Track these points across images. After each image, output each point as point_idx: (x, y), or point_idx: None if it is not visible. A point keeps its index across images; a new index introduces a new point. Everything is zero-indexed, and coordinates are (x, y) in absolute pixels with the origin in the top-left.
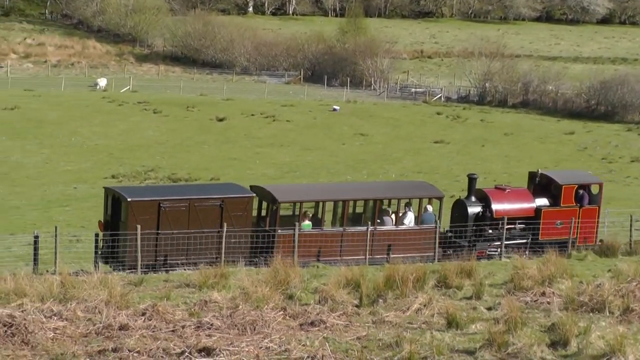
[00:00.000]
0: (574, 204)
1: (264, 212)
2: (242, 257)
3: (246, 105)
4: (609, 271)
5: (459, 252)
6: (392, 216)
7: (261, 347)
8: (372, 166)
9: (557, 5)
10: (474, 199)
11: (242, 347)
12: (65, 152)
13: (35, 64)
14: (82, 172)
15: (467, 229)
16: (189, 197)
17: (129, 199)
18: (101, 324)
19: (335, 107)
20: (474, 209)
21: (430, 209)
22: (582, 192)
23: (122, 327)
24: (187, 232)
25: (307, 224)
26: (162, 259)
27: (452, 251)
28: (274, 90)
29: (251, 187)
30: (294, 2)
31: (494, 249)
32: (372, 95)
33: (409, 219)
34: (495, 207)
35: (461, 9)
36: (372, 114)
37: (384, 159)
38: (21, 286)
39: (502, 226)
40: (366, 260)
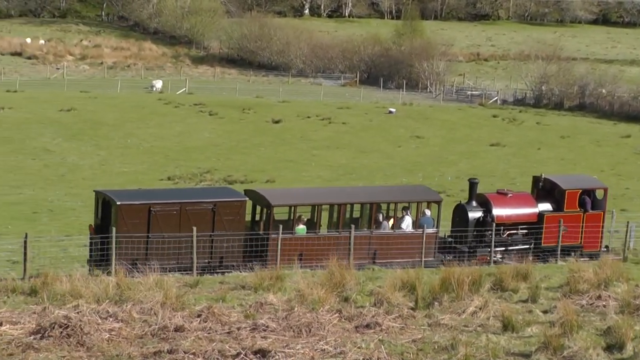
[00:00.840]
0: (578, 209)
1: (259, 217)
2: (235, 262)
3: (302, 107)
4: None
5: (458, 258)
6: (388, 221)
7: (316, 350)
8: (428, 169)
9: (613, 8)
10: (475, 203)
11: (298, 349)
12: (121, 153)
13: (91, 66)
14: (138, 173)
15: (468, 234)
16: (180, 201)
17: (118, 203)
18: (157, 325)
19: (391, 109)
20: (475, 214)
21: (428, 213)
22: (585, 197)
23: (178, 329)
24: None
25: (301, 228)
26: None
27: (452, 256)
28: (329, 92)
29: (245, 191)
30: (350, 4)
31: (499, 255)
32: (428, 97)
33: (407, 224)
34: (496, 212)
35: (517, 11)
36: (428, 117)
37: (439, 162)
38: (77, 287)
39: (492, 232)
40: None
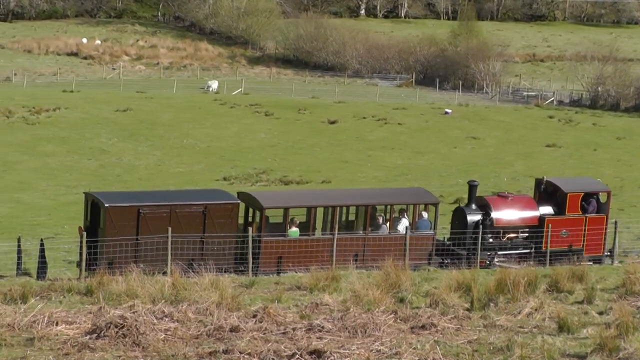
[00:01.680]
0: (580, 213)
1: (251, 219)
2: (227, 264)
3: (358, 108)
4: None
5: (456, 261)
6: (387, 223)
7: (372, 350)
8: (484, 170)
9: None
10: (474, 206)
11: (353, 350)
12: (177, 153)
13: (147, 66)
14: (194, 174)
15: (466, 237)
16: (169, 203)
17: (106, 205)
18: (212, 325)
19: (447, 110)
20: (474, 217)
21: (425, 215)
22: (589, 200)
23: (233, 329)
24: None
25: (294, 230)
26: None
27: (449, 260)
28: (385, 93)
29: (238, 193)
30: (406, 4)
31: (501, 259)
32: (484, 98)
33: (403, 226)
34: (495, 215)
35: (574, 12)
36: (484, 118)
37: (495, 163)
38: (133, 287)
39: (476, 235)
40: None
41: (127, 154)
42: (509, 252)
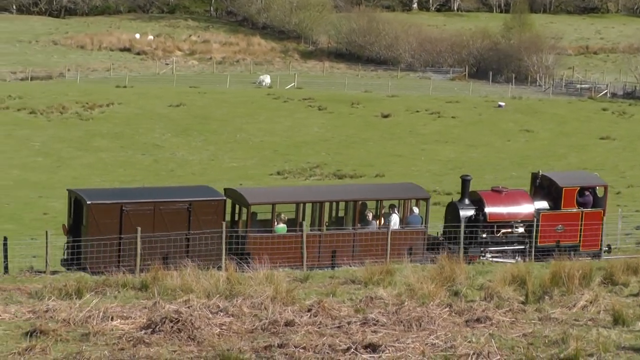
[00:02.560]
0: (576, 207)
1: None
2: (213, 262)
3: (411, 101)
4: None
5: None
6: (376, 220)
7: (427, 344)
8: (537, 163)
9: None
10: (467, 201)
11: (408, 343)
12: (230, 148)
13: (200, 61)
14: (248, 168)
15: (459, 232)
16: (153, 200)
17: (88, 202)
18: (267, 319)
19: (500, 103)
20: (467, 212)
21: (416, 210)
22: (586, 194)
23: (288, 323)
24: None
25: (281, 227)
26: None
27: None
28: (438, 86)
29: (225, 190)
30: None
31: (496, 255)
32: (538, 91)
33: (394, 222)
34: (488, 210)
35: (627, 4)
36: (537, 110)
37: (549, 155)
38: (187, 282)
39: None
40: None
41: (180, 149)
42: (503, 248)
